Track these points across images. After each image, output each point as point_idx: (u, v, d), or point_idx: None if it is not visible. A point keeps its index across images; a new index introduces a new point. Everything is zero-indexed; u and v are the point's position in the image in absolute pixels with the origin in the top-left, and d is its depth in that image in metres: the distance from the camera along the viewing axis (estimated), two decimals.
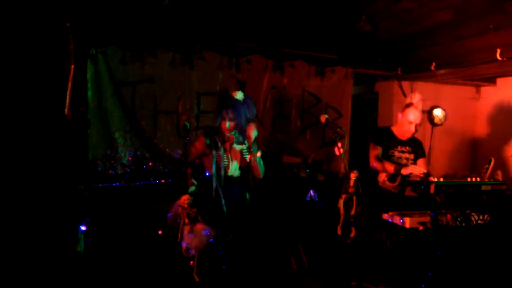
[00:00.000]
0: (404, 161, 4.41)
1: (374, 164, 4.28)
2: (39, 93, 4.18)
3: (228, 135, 4.07)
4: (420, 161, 4.48)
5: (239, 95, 4.16)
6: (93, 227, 4.37)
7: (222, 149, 4.04)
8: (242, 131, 4.11)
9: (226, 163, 4.06)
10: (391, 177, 4.32)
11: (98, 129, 4.82)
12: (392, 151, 4.41)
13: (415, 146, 4.50)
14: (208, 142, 4.03)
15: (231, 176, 4.11)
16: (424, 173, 3.95)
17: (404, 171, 4.02)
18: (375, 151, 4.32)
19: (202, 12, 4.86)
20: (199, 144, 4.12)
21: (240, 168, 4.16)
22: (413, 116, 4.33)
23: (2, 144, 4.02)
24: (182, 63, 5.11)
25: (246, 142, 4.19)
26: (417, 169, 3.99)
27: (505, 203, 4.00)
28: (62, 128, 4.23)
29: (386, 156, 4.38)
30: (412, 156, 4.45)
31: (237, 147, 4.16)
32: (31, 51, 4.13)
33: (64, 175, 4.24)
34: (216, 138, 4.04)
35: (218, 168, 4.00)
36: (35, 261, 3.98)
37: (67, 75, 4.21)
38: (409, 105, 4.39)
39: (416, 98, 4.40)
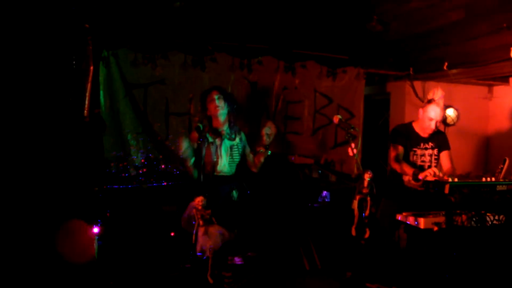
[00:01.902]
0: (427, 158, 4.35)
1: (393, 165, 4.23)
2: (58, 95, 4.19)
3: (218, 113, 4.16)
4: (444, 154, 4.40)
5: None
6: (106, 229, 4.39)
7: (213, 145, 4.03)
8: (232, 126, 4.16)
9: (215, 159, 4.05)
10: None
11: (111, 132, 4.85)
12: (415, 149, 4.34)
13: (438, 140, 4.41)
14: (200, 129, 3.94)
15: (220, 172, 4.12)
16: (439, 176, 3.89)
17: (421, 176, 3.96)
18: (395, 151, 4.26)
19: (213, 14, 4.88)
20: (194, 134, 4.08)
21: (229, 165, 4.16)
22: (434, 113, 4.24)
23: (20, 146, 4.04)
24: (193, 64, 5.11)
25: (237, 138, 4.21)
26: (433, 172, 3.92)
27: None
28: (80, 130, 4.24)
29: (408, 155, 4.32)
30: (435, 151, 4.37)
31: (228, 142, 4.16)
32: (51, 53, 4.15)
33: (81, 177, 4.26)
34: (206, 130, 4.01)
35: (206, 164, 4.00)
36: (49, 261, 4.00)
37: (86, 77, 4.23)
38: (430, 101, 4.31)
39: (438, 94, 4.32)
